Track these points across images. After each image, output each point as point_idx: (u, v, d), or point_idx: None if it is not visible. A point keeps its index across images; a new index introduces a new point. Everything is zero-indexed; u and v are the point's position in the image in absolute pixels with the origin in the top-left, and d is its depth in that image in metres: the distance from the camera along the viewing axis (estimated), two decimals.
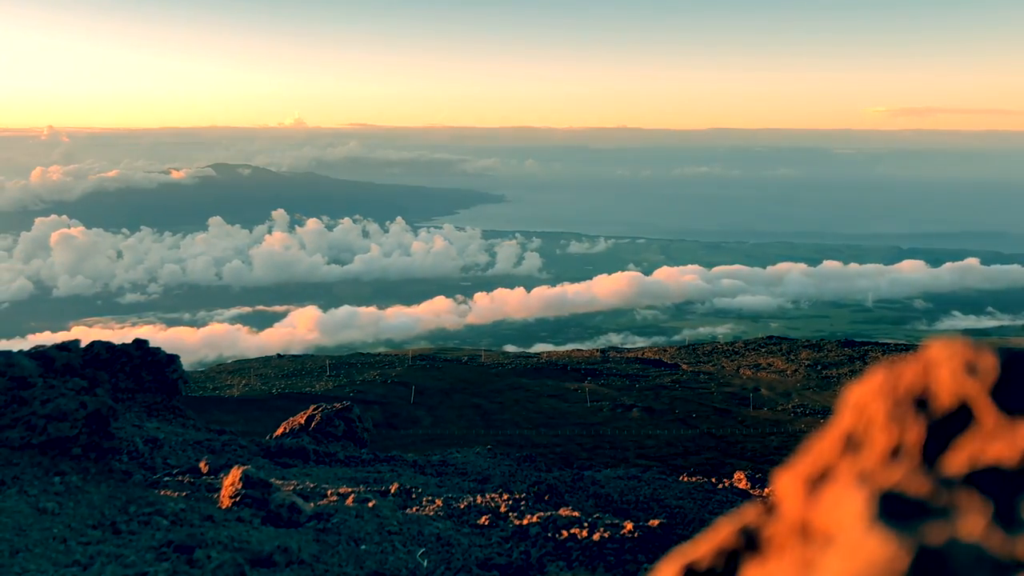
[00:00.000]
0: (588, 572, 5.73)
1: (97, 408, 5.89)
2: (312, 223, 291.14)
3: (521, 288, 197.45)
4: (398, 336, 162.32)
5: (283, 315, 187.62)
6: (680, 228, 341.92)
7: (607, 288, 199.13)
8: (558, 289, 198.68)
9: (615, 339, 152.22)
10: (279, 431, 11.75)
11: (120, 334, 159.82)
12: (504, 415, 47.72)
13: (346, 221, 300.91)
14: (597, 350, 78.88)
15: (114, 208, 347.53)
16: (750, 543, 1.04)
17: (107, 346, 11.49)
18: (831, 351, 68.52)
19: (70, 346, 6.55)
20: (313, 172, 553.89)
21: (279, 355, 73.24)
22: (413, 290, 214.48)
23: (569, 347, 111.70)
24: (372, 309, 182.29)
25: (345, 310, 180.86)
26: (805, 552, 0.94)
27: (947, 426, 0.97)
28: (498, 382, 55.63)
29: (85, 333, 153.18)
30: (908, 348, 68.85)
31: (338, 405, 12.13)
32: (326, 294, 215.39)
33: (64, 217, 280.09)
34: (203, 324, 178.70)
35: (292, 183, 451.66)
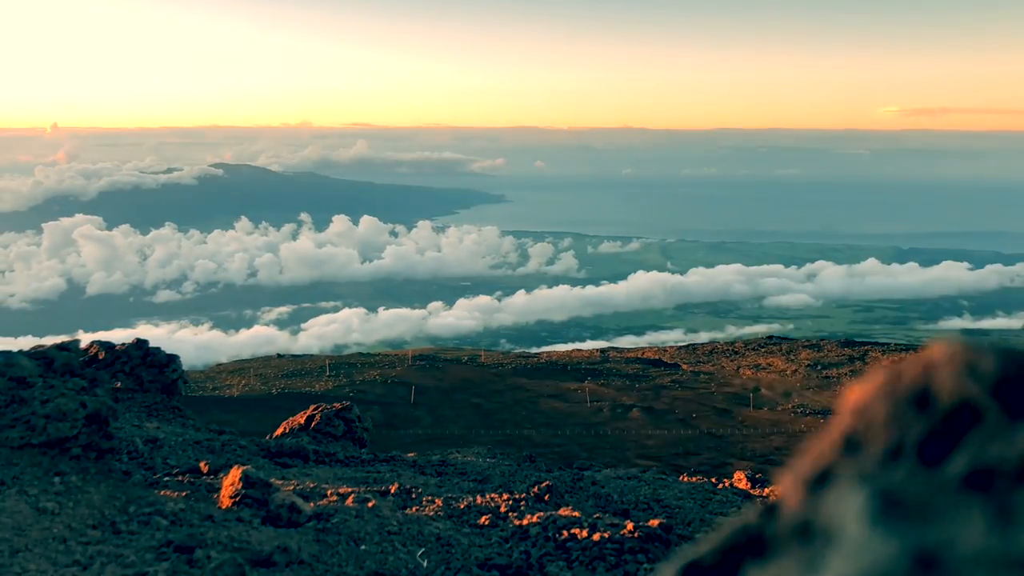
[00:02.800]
0: (588, 572, 5.73)
1: (97, 408, 5.89)
2: (338, 221, 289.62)
3: (564, 287, 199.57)
4: (445, 333, 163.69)
5: (323, 313, 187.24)
6: (686, 229, 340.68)
7: (644, 287, 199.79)
8: (600, 289, 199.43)
9: (665, 336, 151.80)
10: (279, 431, 11.75)
11: (163, 332, 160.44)
12: (504, 415, 47.69)
13: (367, 219, 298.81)
14: (597, 350, 78.83)
15: (131, 207, 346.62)
16: (751, 543, 1.04)
17: (107, 346, 11.50)
18: (831, 351, 68.48)
19: (70, 346, 6.55)
20: (315, 172, 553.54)
21: (279, 355, 73.23)
22: (446, 288, 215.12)
23: (618, 344, 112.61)
24: (419, 310, 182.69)
25: (387, 308, 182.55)
26: (806, 552, 0.94)
27: (947, 426, 0.97)
28: (498, 382, 55.60)
29: (140, 332, 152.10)
30: (908, 348, 68.84)
31: (338, 405, 12.12)
32: (362, 292, 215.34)
33: (93, 216, 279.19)
34: (251, 323, 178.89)
35: (295, 183, 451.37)
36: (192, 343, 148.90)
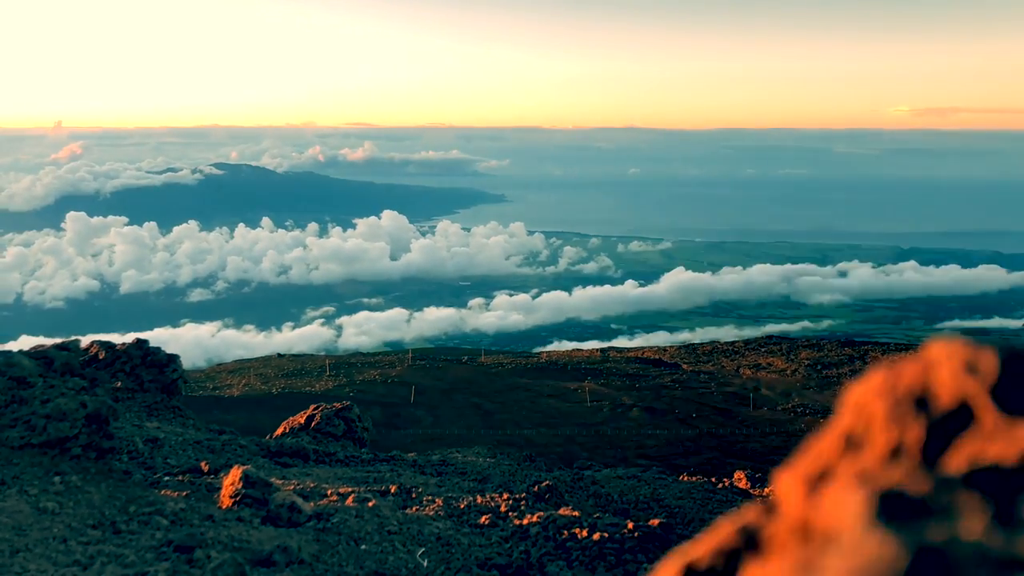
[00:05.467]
0: (588, 572, 5.73)
1: (97, 408, 5.89)
2: (361, 222, 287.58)
3: (597, 286, 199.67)
4: (489, 330, 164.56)
5: (364, 310, 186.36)
6: (694, 229, 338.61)
7: (681, 286, 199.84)
8: (637, 288, 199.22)
9: (714, 334, 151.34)
10: (279, 431, 11.75)
11: (207, 331, 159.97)
12: (504, 415, 47.69)
13: (393, 216, 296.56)
14: (597, 350, 78.84)
15: (143, 206, 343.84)
16: (750, 543, 1.04)
17: (107, 346, 11.50)
18: (831, 351, 68.50)
19: (70, 346, 6.55)
20: (315, 172, 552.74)
21: (279, 354, 73.29)
22: (480, 286, 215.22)
23: (651, 343, 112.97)
24: (463, 309, 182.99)
25: (425, 305, 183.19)
26: (805, 552, 0.93)
27: (947, 426, 0.97)
28: (498, 382, 55.61)
29: (185, 332, 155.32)
30: (908, 348, 68.85)
31: (338, 405, 12.13)
32: (397, 289, 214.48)
33: (116, 216, 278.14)
34: (293, 321, 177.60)
35: (297, 183, 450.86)
36: (238, 342, 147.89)
